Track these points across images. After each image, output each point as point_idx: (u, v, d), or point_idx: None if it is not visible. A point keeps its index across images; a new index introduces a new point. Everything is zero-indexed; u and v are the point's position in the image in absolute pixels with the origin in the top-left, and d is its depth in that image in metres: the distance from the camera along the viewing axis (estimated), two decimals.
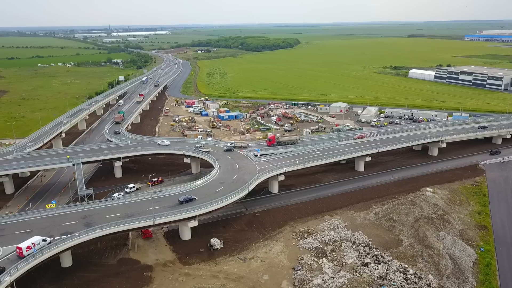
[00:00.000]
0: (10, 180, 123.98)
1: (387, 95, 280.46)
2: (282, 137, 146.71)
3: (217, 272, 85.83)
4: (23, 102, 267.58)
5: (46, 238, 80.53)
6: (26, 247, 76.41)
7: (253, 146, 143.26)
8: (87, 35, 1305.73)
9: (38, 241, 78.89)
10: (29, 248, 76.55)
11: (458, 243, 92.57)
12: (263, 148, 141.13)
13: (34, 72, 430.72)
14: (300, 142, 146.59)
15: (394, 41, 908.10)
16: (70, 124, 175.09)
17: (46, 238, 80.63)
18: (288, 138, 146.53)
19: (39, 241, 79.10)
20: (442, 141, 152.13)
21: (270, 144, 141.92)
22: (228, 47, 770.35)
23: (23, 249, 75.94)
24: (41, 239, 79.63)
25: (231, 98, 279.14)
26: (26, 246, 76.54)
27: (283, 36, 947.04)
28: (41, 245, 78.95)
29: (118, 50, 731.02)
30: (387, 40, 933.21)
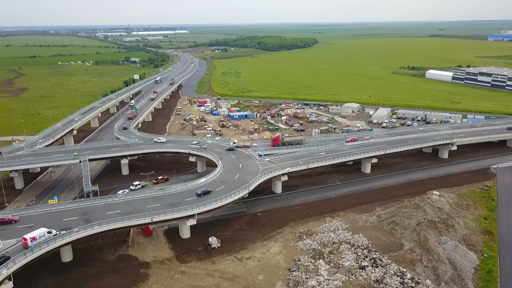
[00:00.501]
0: (20, 175, 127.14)
1: (402, 96, 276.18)
2: (286, 138, 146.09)
3: (213, 271, 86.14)
4: (41, 100, 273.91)
5: (51, 230, 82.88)
6: (31, 238, 79.01)
7: (258, 146, 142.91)
8: (108, 34, 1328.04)
9: (44, 233, 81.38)
10: (34, 239, 79.18)
11: (460, 248, 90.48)
12: (268, 148, 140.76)
13: (54, 70, 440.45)
14: (306, 142, 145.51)
15: (413, 41, 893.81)
16: (82, 121, 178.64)
17: (52, 230, 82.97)
18: (292, 138, 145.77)
19: (45, 233, 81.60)
20: (452, 144, 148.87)
21: (274, 144, 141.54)
22: (245, 46, 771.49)
23: (28, 240, 78.54)
24: (46, 231, 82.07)
25: (243, 97, 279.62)
26: (31, 237, 79.10)
27: (301, 36, 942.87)
28: (46, 236, 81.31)
29: (137, 49, 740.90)
30: (407, 40, 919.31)
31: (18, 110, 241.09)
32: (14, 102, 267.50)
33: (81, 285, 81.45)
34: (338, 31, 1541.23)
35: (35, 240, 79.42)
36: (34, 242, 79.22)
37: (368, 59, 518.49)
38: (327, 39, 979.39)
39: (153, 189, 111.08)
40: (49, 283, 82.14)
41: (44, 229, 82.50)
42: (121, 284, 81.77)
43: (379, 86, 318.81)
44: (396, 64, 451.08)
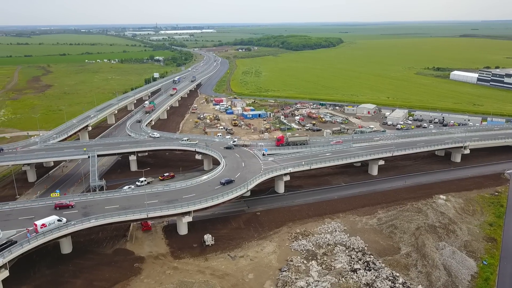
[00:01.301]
0: (32, 169, 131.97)
1: (422, 97, 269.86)
2: (291, 137, 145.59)
3: (205, 268, 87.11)
4: (64, 96, 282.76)
5: (61, 218, 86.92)
6: (41, 224, 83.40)
7: (264, 146, 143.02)
8: (137, 33, 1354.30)
9: (54, 221, 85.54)
10: (43, 226, 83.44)
11: (458, 255, 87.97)
12: (274, 148, 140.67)
13: (80, 68, 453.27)
14: (311, 143, 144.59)
15: (443, 41, 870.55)
16: (97, 118, 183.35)
17: (62, 218, 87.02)
18: (297, 138, 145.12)
19: (55, 220, 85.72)
20: (465, 147, 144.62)
21: (279, 144, 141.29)
22: (269, 46, 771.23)
23: (38, 226, 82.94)
24: (56, 219, 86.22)
25: (260, 97, 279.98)
26: (41, 224, 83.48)
27: (326, 35, 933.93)
28: (56, 224, 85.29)
29: (163, 48, 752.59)
30: (436, 40, 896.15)
31: (41, 106, 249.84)
32: (39, 98, 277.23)
33: (76, 277, 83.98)
34: (366, 30, 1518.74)
35: (44, 227, 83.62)
36: (44, 228, 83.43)
37: (393, 59, 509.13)
38: (353, 39, 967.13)
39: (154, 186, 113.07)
40: (47, 273, 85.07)
41: (55, 217, 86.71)
42: (114, 277, 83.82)
43: (400, 87, 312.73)
44: (421, 65, 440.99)
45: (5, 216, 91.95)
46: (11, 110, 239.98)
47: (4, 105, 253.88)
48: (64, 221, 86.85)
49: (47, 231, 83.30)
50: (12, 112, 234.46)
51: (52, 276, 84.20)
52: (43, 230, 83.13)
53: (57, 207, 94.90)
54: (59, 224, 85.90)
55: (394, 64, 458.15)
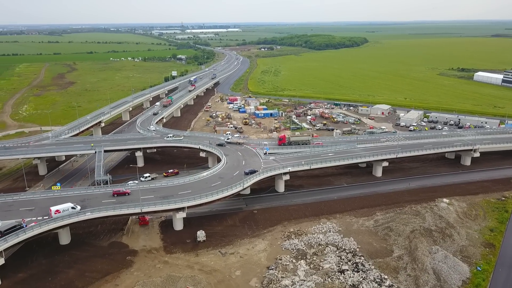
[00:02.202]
0: (43, 162, 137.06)
1: (441, 98, 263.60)
2: (293, 137, 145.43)
3: (194, 263, 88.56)
4: (84, 93, 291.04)
5: (76, 206, 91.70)
6: (55, 210, 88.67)
7: (269, 145, 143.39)
8: (163, 32, 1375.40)
9: (68, 208, 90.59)
10: (57, 212, 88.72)
11: (450, 259, 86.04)
12: (277, 147, 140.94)
13: (104, 65, 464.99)
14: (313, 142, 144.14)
15: (472, 41, 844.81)
16: (110, 115, 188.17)
17: (76, 206, 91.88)
18: (299, 138, 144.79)
19: (69, 207, 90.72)
20: (474, 150, 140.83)
21: (280, 144, 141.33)
22: (292, 45, 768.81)
23: (52, 211, 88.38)
24: (71, 206, 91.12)
25: (275, 96, 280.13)
26: (55, 210, 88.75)
27: (350, 35, 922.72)
28: (69, 211, 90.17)
29: (187, 47, 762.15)
30: (465, 40, 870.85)
31: (62, 102, 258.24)
32: (61, 95, 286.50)
33: (70, 267, 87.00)
34: (395, 30, 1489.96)
35: (58, 213, 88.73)
36: (58, 214, 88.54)
37: (417, 60, 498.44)
38: (379, 39, 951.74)
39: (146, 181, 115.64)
40: (43, 262, 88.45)
41: (69, 204, 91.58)
42: (106, 269, 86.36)
43: (420, 87, 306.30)
44: (446, 65, 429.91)
45: (7, 207, 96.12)
46: (33, 106, 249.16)
47: (28, 101, 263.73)
48: (78, 209, 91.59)
49: (60, 217, 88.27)
50: (34, 108, 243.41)
51: (47, 265, 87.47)
52: (57, 216, 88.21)
53: (115, 194, 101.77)
54: (73, 212, 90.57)
55: (418, 65, 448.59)
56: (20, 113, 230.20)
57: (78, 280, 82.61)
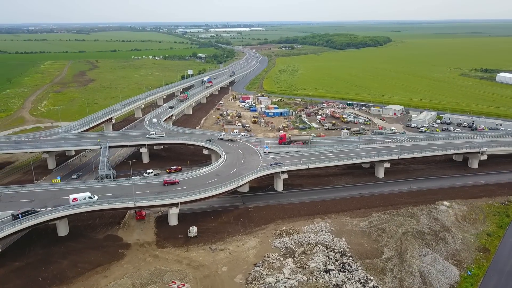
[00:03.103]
0: (52, 157, 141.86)
1: (458, 99, 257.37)
2: (293, 136, 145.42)
3: (183, 258, 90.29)
4: (102, 90, 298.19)
5: (93, 196, 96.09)
6: (73, 198, 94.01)
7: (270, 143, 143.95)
8: (187, 30, 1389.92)
9: (85, 197, 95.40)
10: (75, 200, 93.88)
11: (439, 263, 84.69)
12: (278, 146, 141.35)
13: (125, 63, 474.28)
14: (314, 142, 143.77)
15: (501, 40, 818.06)
16: (121, 111, 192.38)
17: (94, 196, 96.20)
18: (300, 137, 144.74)
19: (86, 196, 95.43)
20: (482, 153, 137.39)
21: (281, 143, 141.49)
22: (313, 44, 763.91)
23: (70, 199, 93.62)
24: (88, 195, 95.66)
25: (289, 95, 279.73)
26: (73, 198, 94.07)
27: (373, 34, 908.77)
28: (86, 200, 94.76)
29: (208, 45, 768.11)
30: (494, 40, 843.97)
31: (79, 99, 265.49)
32: (80, 92, 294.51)
33: (65, 258, 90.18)
34: (422, 29, 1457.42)
35: (76, 201, 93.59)
36: (75, 202, 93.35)
37: (439, 60, 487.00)
38: (404, 38, 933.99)
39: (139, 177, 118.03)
40: (40, 253, 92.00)
41: (87, 194, 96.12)
42: (98, 260, 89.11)
43: (438, 88, 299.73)
44: (469, 66, 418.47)
45: (9, 198, 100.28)
46: (52, 102, 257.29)
47: (47, 97, 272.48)
48: (95, 199, 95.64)
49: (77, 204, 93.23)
50: (52, 104, 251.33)
51: (43, 255, 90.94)
52: (74, 203, 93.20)
53: (166, 183, 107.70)
54: (90, 201, 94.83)
55: (439, 65, 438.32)
56: (38, 109, 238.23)
57: (70, 271, 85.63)
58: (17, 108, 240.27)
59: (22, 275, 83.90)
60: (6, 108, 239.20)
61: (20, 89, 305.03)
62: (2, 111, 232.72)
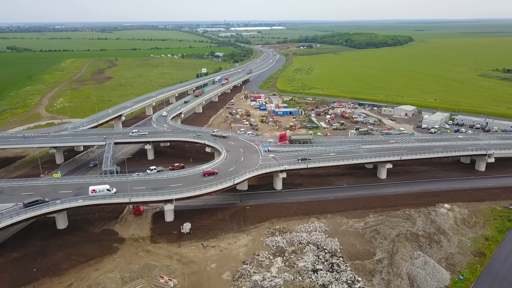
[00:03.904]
0: (59, 152, 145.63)
1: (474, 100, 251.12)
2: (294, 136, 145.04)
3: (174, 254, 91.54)
4: (118, 88, 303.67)
5: (111, 189, 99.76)
6: (92, 189, 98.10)
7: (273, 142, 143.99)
8: (208, 29, 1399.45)
9: (104, 189, 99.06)
10: (94, 191, 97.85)
11: (430, 266, 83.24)
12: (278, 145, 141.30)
13: (144, 62, 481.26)
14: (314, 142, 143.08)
15: None
16: (131, 109, 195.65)
17: (112, 189, 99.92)
18: (300, 137, 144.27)
19: (105, 189, 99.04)
20: (489, 155, 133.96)
21: (281, 142, 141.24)
22: (332, 43, 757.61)
23: (89, 191, 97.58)
24: (106, 188, 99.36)
25: (301, 94, 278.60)
26: (92, 189, 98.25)
27: (395, 33, 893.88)
28: (104, 192, 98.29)
29: (227, 44, 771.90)
30: None
31: (95, 96, 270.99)
32: (96, 89, 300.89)
33: (60, 250, 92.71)
34: (447, 28, 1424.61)
35: (94, 192, 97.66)
36: (94, 194, 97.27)
37: (461, 60, 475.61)
38: (426, 37, 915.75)
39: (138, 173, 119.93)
40: (37, 244, 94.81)
41: (106, 186, 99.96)
42: (91, 254, 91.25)
43: (455, 89, 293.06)
44: (492, 66, 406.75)
45: (12, 190, 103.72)
46: (68, 99, 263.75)
47: (64, 94, 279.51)
48: (113, 191, 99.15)
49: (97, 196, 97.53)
50: (68, 100, 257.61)
51: (40, 247, 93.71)
52: (93, 195, 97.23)
53: (205, 174, 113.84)
54: (108, 193, 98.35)
55: (460, 65, 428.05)
56: (55, 105, 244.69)
57: (64, 262, 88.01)
58: (34, 105, 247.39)
59: (18, 266, 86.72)
60: (24, 104, 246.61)
61: (40, 86, 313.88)
62: (20, 107, 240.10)
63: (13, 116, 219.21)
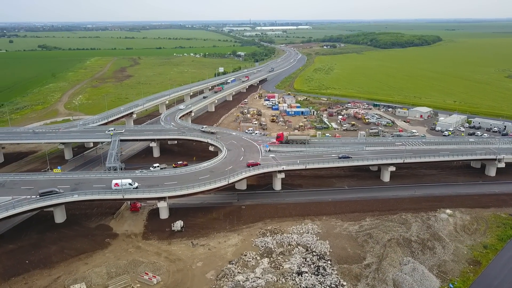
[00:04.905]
0: (68, 147, 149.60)
1: (496, 103, 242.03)
2: (290, 136, 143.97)
3: (163, 251, 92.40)
4: (137, 86, 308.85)
5: (133, 183, 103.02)
6: (115, 183, 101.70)
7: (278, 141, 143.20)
8: (234, 28, 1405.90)
9: (126, 183, 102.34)
10: (116, 185, 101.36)
11: (418, 273, 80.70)
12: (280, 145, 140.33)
13: (166, 61, 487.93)
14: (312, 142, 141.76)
15: None
16: (143, 107, 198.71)
17: (134, 183, 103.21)
18: (297, 137, 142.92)
19: (127, 183, 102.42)
20: (499, 160, 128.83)
21: (278, 141, 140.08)
22: (357, 43, 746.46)
23: (112, 184, 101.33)
24: (128, 182, 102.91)
25: (318, 94, 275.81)
26: (115, 183, 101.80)
27: (422, 33, 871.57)
28: (126, 186, 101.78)
29: (251, 44, 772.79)
30: None
31: (113, 94, 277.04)
32: (115, 87, 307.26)
33: (54, 243, 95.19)
34: (479, 28, 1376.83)
35: (117, 186, 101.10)
36: (117, 187, 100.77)
37: (489, 60, 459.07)
38: (456, 37, 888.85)
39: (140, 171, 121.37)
40: (34, 237, 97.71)
41: (128, 180, 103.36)
42: (83, 248, 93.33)
43: (477, 90, 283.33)
44: None
45: (13, 184, 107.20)
46: (87, 96, 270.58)
47: (84, 92, 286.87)
48: (135, 186, 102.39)
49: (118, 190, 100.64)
50: (87, 98, 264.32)
51: (36, 240, 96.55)
52: (115, 188, 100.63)
53: (249, 166, 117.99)
54: (129, 187, 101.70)
55: (487, 66, 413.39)
56: (73, 102, 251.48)
57: (56, 256, 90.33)
58: (55, 101, 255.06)
59: (12, 257, 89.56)
60: (45, 101, 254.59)
61: (62, 83, 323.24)
62: (41, 103, 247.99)
63: (32, 112, 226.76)
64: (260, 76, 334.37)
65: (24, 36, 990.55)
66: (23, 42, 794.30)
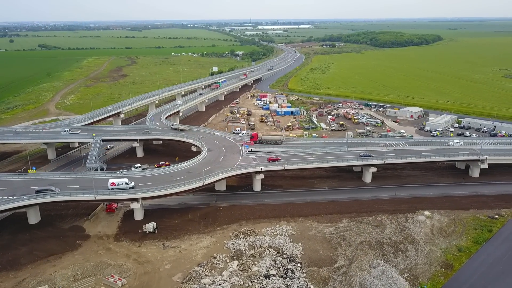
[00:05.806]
0: (51, 148, 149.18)
1: (489, 103, 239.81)
2: (264, 136, 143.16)
3: (133, 253, 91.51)
4: (130, 86, 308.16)
5: (130, 183, 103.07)
6: (111, 182, 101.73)
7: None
8: (235, 28, 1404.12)
9: (122, 182, 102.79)
10: (113, 184, 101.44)
11: (387, 276, 79.44)
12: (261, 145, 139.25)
13: (163, 60, 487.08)
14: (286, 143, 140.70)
15: None
16: (131, 106, 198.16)
17: (131, 183, 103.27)
18: (270, 137, 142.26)
19: (123, 182, 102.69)
20: (482, 161, 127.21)
21: (252, 141, 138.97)
22: (357, 42, 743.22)
23: (108, 183, 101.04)
24: (125, 181, 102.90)
25: (311, 94, 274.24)
26: (111, 182, 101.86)
27: (422, 32, 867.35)
28: (123, 186, 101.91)
29: (251, 43, 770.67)
30: None
31: (106, 93, 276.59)
32: (109, 86, 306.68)
33: (25, 245, 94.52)
34: (482, 27, 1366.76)
35: (114, 185, 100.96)
36: (113, 186, 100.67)
37: (488, 60, 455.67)
38: (457, 36, 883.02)
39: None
40: (5, 238, 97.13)
41: (125, 179, 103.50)
42: (53, 249, 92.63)
43: (471, 90, 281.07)
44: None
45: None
46: (79, 96, 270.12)
47: (77, 91, 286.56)
48: (131, 185, 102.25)
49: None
50: (79, 97, 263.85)
51: (7, 241, 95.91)
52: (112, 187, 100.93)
53: (270, 160, 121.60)
54: (126, 187, 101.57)
55: (485, 65, 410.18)
56: (64, 102, 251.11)
57: (24, 257, 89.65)
58: (46, 101, 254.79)
59: None
60: (37, 101, 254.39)
61: (56, 83, 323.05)
62: (32, 103, 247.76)
63: (23, 112, 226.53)
64: (255, 75, 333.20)
65: (25, 35, 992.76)
66: (23, 41, 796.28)
